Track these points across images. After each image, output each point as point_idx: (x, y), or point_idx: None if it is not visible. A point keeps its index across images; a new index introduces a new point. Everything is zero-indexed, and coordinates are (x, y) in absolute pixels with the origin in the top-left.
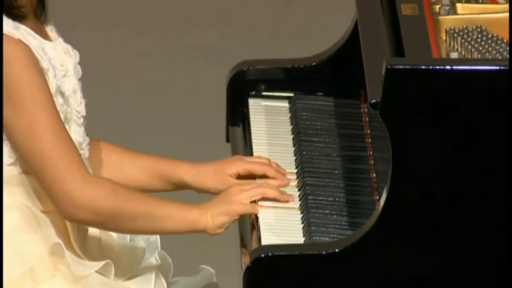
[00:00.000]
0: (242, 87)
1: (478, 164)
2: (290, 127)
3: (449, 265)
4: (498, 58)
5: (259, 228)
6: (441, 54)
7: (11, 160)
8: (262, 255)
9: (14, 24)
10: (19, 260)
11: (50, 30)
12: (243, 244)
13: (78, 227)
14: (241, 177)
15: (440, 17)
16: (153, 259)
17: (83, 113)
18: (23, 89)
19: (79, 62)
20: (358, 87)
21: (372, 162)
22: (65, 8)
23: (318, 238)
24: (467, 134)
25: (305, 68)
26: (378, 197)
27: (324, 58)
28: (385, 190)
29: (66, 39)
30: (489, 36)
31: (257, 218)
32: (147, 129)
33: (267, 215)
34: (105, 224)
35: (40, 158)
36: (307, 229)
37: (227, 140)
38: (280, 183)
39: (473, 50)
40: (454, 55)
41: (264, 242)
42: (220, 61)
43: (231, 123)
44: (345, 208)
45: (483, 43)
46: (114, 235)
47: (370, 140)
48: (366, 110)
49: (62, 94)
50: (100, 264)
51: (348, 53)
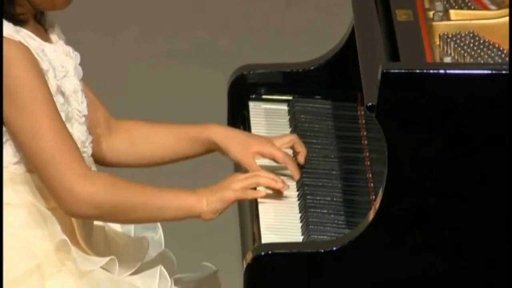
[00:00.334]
0: (242, 91)
1: (472, 165)
2: (289, 129)
3: (443, 264)
4: (490, 62)
5: (260, 227)
6: (434, 58)
7: (16, 159)
8: (263, 253)
9: (15, 28)
10: (27, 256)
11: (52, 33)
12: (244, 242)
13: (83, 223)
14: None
15: (434, 22)
16: (157, 256)
17: (85, 112)
18: (24, 89)
19: (81, 64)
20: (354, 90)
21: (368, 163)
22: (68, 11)
23: (316, 237)
24: (459, 136)
25: (303, 72)
26: (374, 197)
27: (322, 63)
28: (381, 190)
29: (69, 41)
30: (481, 41)
31: (257, 217)
32: None
33: (267, 215)
34: (106, 216)
35: (42, 156)
36: (306, 228)
37: None
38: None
39: (465, 54)
40: (448, 60)
41: (264, 241)
42: (221, 64)
43: (232, 125)
44: (342, 208)
45: (475, 48)
46: (118, 228)
47: (366, 142)
48: (363, 112)
49: (63, 94)
50: (105, 260)
51: (345, 57)
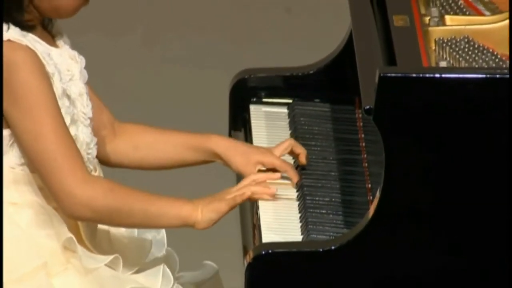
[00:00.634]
0: (243, 94)
1: (467, 168)
2: (289, 132)
3: (440, 263)
4: (484, 66)
5: (260, 227)
6: (430, 63)
7: (22, 161)
8: (263, 252)
9: (22, 33)
10: (34, 254)
11: (59, 39)
12: (245, 242)
13: (87, 222)
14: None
15: (429, 28)
16: (160, 255)
17: (90, 114)
18: (29, 92)
19: (86, 67)
20: (352, 94)
21: (366, 164)
22: (72, 17)
23: (315, 236)
24: (455, 138)
25: (303, 76)
26: (371, 197)
27: (321, 67)
28: (378, 191)
29: (72, 44)
30: (475, 46)
31: (258, 217)
32: None
33: (267, 215)
34: (103, 220)
35: (44, 158)
36: (305, 227)
37: None
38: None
39: (460, 59)
40: (443, 64)
41: (265, 240)
42: (222, 68)
43: (233, 128)
44: (340, 208)
45: (470, 53)
46: (122, 229)
47: (364, 144)
48: (361, 115)
49: (68, 97)
50: (109, 258)
51: (343, 62)
